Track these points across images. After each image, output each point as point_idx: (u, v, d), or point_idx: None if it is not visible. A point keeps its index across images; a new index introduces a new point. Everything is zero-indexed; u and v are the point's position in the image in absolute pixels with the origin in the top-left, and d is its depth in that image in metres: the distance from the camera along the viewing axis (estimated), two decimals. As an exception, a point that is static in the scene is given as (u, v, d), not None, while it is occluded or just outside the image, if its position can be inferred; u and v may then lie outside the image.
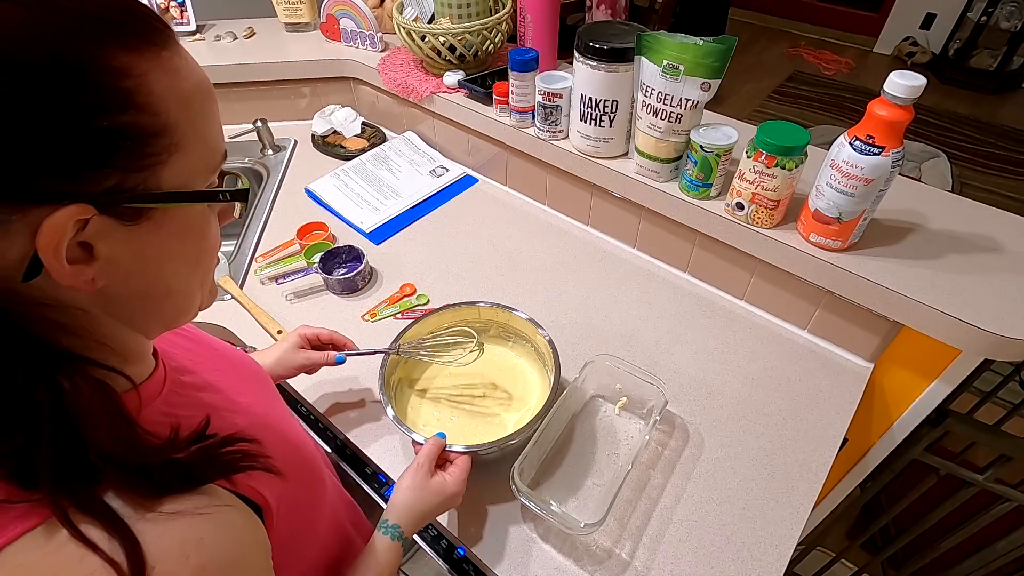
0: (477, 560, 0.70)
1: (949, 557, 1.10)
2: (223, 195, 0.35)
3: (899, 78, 0.66)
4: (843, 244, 0.80)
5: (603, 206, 1.09)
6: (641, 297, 1.01)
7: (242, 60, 1.35)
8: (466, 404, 0.82)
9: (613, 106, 0.92)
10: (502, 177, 1.26)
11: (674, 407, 0.84)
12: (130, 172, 0.29)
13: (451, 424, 0.80)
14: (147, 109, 0.29)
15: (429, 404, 0.82)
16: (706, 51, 0.77)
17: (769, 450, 0.78)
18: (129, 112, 0.29)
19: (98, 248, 0.29)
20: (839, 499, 1.14)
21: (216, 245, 0.37)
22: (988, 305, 0.73)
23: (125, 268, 0.31)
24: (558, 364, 0.77)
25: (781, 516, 0.72)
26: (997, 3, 3.36)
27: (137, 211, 0.30)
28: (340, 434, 0.83)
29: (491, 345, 0.89)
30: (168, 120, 0.30)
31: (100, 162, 0.28)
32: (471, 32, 1.11)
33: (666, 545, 0.69)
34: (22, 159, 0.26)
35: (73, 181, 0.27)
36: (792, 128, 0.78)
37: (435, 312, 0.84)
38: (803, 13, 4.30)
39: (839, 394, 0.85)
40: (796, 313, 0.93)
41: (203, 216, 0.35)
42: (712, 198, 0.91)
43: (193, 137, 0.32)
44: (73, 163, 0.27)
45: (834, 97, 3.52)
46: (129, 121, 0.29)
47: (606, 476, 0.75)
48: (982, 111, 3.38)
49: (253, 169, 1.37)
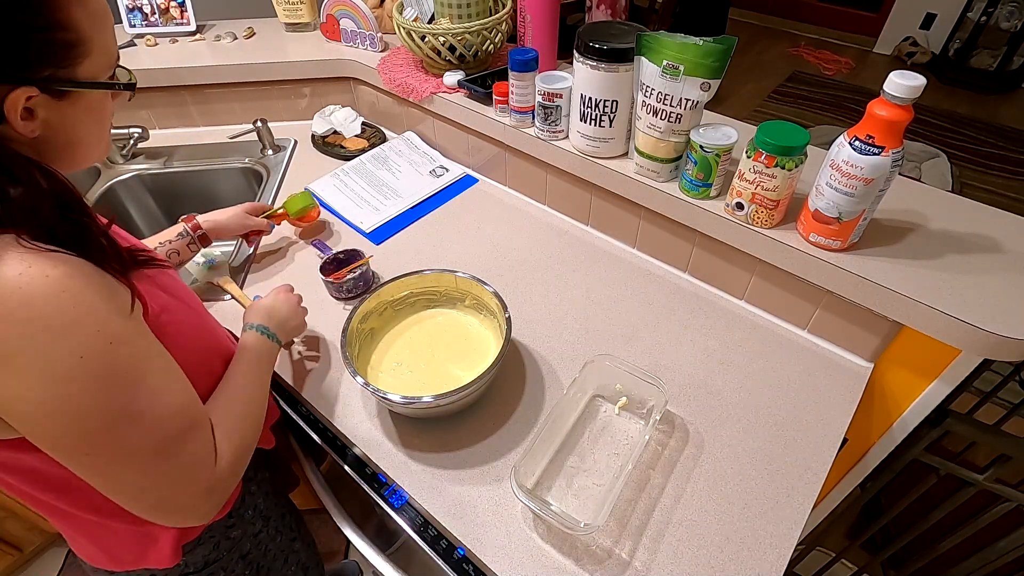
0: (477, 560, 0.70)
1: (949, 557, 1.10)
2: (117, 86, 0.54)
3: (899, 78, 0.66)
4: (843, 244, 0.80)
5: (603, 206, 1.09)
6: (641, 297, 1.01)
7: (242, 60, 1.36)
8: (424, 363, 0.86)
9: (613, 106, 0.92)
10: (502, 177, 1.26)
11: (674, 407, 0.84)
12: (59, 68, 0.48)
13: (408, 376, 0.84)
14: (71, 28, 0.47)
15: (392, 355, 0.87)
16: (706, 51, 0.77)
17: (769, 450, 0.78)
18: (60, 31, 0.46)
19: (37, 112, 0.48)
20: (839, 499, 1.14)
21: (109, 117, 0.56)
22: (988, 305, 0.73)
23: (53, 126, 0.50)
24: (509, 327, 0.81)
25: (781, 516, 0.72)
26: (997, 3, 3.36)
27: (62, 92, 0.49)
28: (341, 436, 0.83)
29: (461, 313, 0.93)
30: (82, 35, 0.48)
31: (43, 61, 0.46)
32: (471, 32, 1.11)
33: (666, 545, 0.69)
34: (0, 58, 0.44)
35: (25, 71, 0.46)
36: (792, 128, 0.78)
37: (418, 273, 0.90)
38: (803, 13, 4.31)
39: (839, 394, 0.85)
40: (796, 313, 0.93)
41: (103, 97, 0.54)
42: (712, 198, 0.91)
43: (99, 46, 0.50)
44: (26, 61, 0.45)
45: (834, 97, 3.52)
46: (60, 36, 0.47)
47: (606, 476, 0.75)
48: (982, 111, 3.38)
49: (253, 169, 1.37)
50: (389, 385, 0.82)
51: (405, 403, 0.74)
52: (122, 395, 0.49)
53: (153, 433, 0.52)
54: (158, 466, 0.53)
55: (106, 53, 0.51)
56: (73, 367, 0.46)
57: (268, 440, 0.83)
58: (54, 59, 0.47)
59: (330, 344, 0.94)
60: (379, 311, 0.89)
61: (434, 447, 0.79)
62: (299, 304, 0.86)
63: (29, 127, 0.48)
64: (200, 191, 1.40)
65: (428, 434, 0.81)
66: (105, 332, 0.48)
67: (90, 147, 0.55)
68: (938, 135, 3.16)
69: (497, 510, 0.73)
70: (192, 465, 0.55)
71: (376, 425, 0.83)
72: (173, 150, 1.38)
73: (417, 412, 0.79)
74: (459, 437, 0.80)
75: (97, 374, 0.48)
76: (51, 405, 0.46)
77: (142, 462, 0.52)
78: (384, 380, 0.83)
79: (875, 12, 3.98)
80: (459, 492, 0.74)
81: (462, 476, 0.76)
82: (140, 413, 0.51)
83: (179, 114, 1.44)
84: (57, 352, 0.45)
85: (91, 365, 0.47)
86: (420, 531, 0.75)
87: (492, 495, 0.74)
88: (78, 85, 0.50)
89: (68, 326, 0.46)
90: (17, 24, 0.44)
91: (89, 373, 0.47)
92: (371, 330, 0.88)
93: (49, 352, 0.45)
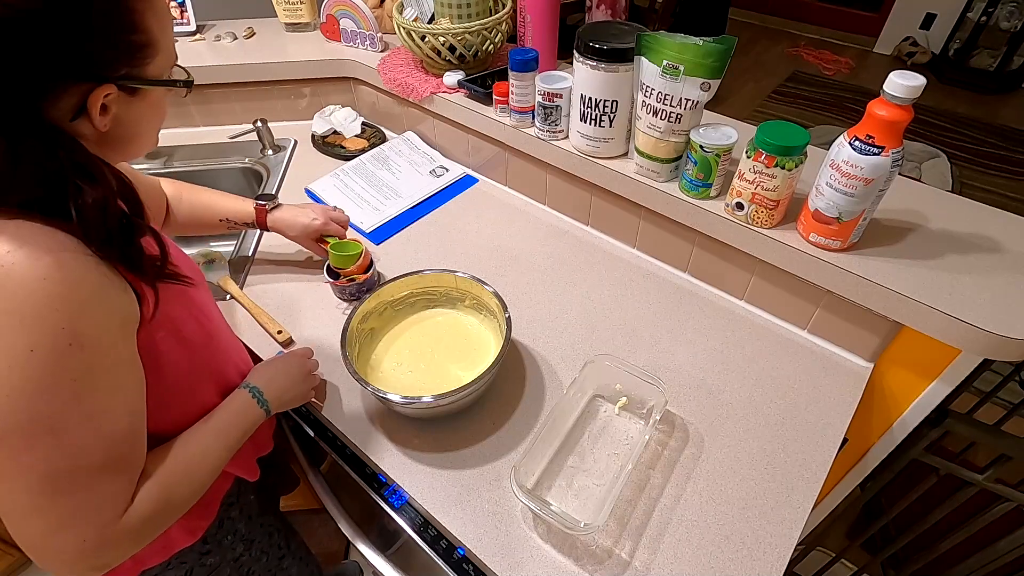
0: (477, 560, 0.70)
1: (949, 557, 1.10)
2: (178, 83, 0.57)
3: (899, 78, 0.66)
4: (843, 244, 0.80)
5: (603, 206, 1.09)
6: (641, 297, 1.01)
7: (242, 60, 1.36)
8: (424, 363, 0.86)
9: (613, 106, 0.92)
10: (502, 177, 1.26)
11: (674, 407, 0.84)
12: (133, 67, 0.51)
13: (408, 376, 0.84)
14: (144, 31, 0.50)
15: (392, 355, 0.87)
16: (706, 51, 0.77)
17: (769, 450, 0.78)
18: (135, 34, 0.50)
19: (111, 108, 0.51)
20: (839, 499, 1.14)
21: (165, 113, 0.59)
22: (988, 305, 0.73)
23: (121, 121, 0.53)
24: (509, 327, 0.81)
25: (781, 516, 0.72)
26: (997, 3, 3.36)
27: (133, 90, 0.52)
28: (341, 436, 0.83)
29: (461, 313, 0.93)
30: (152, 37, 0.51)
31: (120, 61, 0.50)
32: (471, 32, 1.11)
33: (666, 545, 0.69)
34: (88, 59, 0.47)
35: (105, 70, 0.49)
36: (792, 128, 0.78)
37: (418, 273, 0.89)
38: (803, 13, 4.30)
39: (839, 394, 0.85)
40: (796, 313, 0.93)
41: (165, 94, 0.57)
42: (712, 198, 0.91)
43: (164, 47, 0.53)
44: (107, 62, 0.49)
45: (834, 97, 3.52)
46: (136, 39, 0.50)
47: (606, 476, 0.75)
48: (982, 111, 3.38)
49: (253, 169, 1.37)
50: (389, 385, 0.82)
51: (405, 403, 0.74)
52: (55, 402, 0.46)
53: (67, 455, 0.47)
54: (54, 495, 0.47)
55: (169, 53, 0.55)
56: (19, 357, 0.44)
57: (252, 472, 0.79)
58: (129, 59, 0.51)
59: (330, 344, 0.94)
60: (379, 311, 0.89)
61: (434, 447, 0.79)
62: (309, 374, 0.80)
63: (103, 121, 0.51)
64: (200, 191, 1.40)
65: (428, 434, 0.81)
66: (69, 330, 0.46)
67: (146, 141, 0.59)
68: (938, 135, 3.16)
69: (497, 510, 0.73)
70: (92, 508, 0.49)
71: (376, 425, 0.83)
72: (173, 150, 1.38)
73: (417, 412, 0.79)
74: (459, 437, 0.80)
75: (40, 373, 0.45)
76: None
77: (39, 483, 0.46)
78: (384, 380, 0.83)
79: (875, 12, 3.98)
80: (459, 492, 0.74)
81: (462, 476, 0.76)
82: (64, 429, 0.47)
83: (179, 114, 1.44)
84: (9, 337, 0.44)
85: (38, 361, 0.44)
86: (420, 531, 0.75)
87: (492, 495, 0.74)
88: (148, 83, 0.53)
89: (32, 315, 0.44)
90: (100, 29, 0.47)
91: (33, 369, 0.44)
92: (371, 330, 0.88)
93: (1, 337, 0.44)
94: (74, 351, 0.46)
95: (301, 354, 0.82)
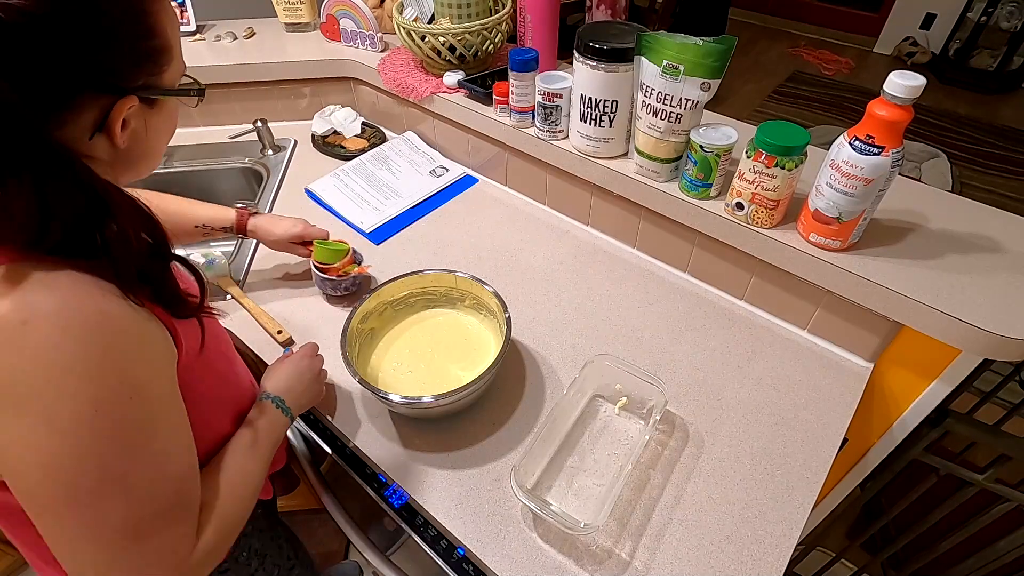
0: (477, 560, 0.70)
1: (949, 557, 1.10)
2: (193, 91, 0.53)
3: (899, 78, 0.66)
4: (843, 244, 0.80)
5: (603, 206, 1.09)
6: (641, 297, 1.01)
7: (242, 60, 1.36)
8: (424, 363, 0.86)
9: (613, 106, 0.92)
10: (502, 177, 1.26)
11: (674, 407, 0.84)
12: (152, 75, 0.47)
13: (408, 376, 0.84)
14: (160, 34, 0.46)
15: (392, 356, 0.87)
16: (706, 51, 0.77)
17: (769, 450, 0.78)
18: (153, 38, 0.46)
19: (129, 123, 0.47)
20: (839, 499, 1.14)
21: (176, 126, 0.56)
22: (988, 305, 0.73)
23: (138, 136, 0.49)
24: (509, 327, 0.81)
25: (781, 516, 0.72)
26: (997, 3, 3.36)
27: (152, 101, 0.48)
28: (341, 436, 0.83)
29: (461, 313, 0.93)
30: (168, 42, 0.48)
31: (140, 70, 0.46)
32: (471, 32, 1.11)
33: (666, 545, 0.69)
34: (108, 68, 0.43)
35: (126, 81, 0.45)
36: (792, 128, 0.78)
37: (418, 273, 0.89)
38: (803, 13, 4.30)
39: (839, 394, 0.85)
40: (796, 313, 0.93)
41: (178, 104, 0.54)
42: (712, 198, 0.91)
43: (177, 52, 0.50)
44: (126, 71, 0.45)
45: (834, 97, 3.52)
46: (153, 44, 0.46)
47: (606, 476, 0.75)
48: (982, 111, 3.38)
49: (253, 169, 1.37)
50: (389, 385, 0.82)
51: (405, 403, 0.74)
52: (125, 458, 0.45)
53: (139, 508, 0.46)
54: (127, 547, 0.46)
55: (180, 59, 0.51)
56: (84, 416, 0.42)
57: (267, 490, 0.77)
58: (148, 67, 0.46)
59: (330, 344, 0.94)
60: (379, 311, 0.89)
61: (434, 447, 0.79)
62: (319, 373, 0.79)
63: (121, 137, 0.47)
64: (200, 191, 1.39)
65: (428, 434, 0.81)
66: (128, 381, 0.44)
67: (157, 157, 0.54)
68: (938, 135, 3.16)
69: (497, 510, 0.73)
70: (168, 550, 0.48)
71: (376, 425, 0.83)
72: (173, 150, 1.38)
73: (417, 412, 0.79)
74: (459, 437, 0.80)
75: (108, 429, 0.43)
76: (47, 455, 0.41)
77: (115, 536, 0.45)
78: (384, 380, 0.83)
79: (875, 12, 3.98)
80: (459, 492, 0.74)
81: (462, 476, 0.76)
82: (135, 484, 0.45)
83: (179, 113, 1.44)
84: (70, 397, 0.41)
85: (104, 418, 0.43)
86: (420, 531, 0.75)
87: (492, 495, 0.74)
88: (166, 92, 0.49)
89: (89, 371, 0.42)
90: (120, 34, 0.43)
91: (100, 426, 0.43)
92: (371, 330, 0.88)
93: (65, 396, 0.41)
94: (135, 400, 0.45)
95: (308, 354, 0.80)
